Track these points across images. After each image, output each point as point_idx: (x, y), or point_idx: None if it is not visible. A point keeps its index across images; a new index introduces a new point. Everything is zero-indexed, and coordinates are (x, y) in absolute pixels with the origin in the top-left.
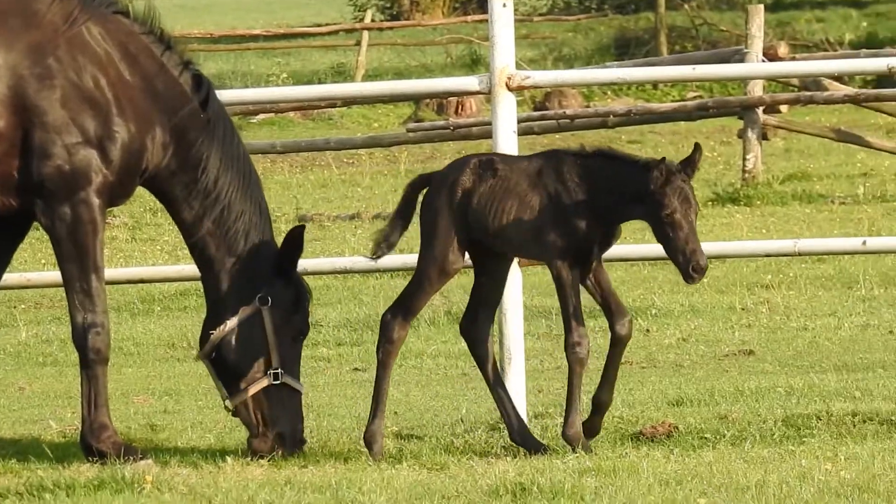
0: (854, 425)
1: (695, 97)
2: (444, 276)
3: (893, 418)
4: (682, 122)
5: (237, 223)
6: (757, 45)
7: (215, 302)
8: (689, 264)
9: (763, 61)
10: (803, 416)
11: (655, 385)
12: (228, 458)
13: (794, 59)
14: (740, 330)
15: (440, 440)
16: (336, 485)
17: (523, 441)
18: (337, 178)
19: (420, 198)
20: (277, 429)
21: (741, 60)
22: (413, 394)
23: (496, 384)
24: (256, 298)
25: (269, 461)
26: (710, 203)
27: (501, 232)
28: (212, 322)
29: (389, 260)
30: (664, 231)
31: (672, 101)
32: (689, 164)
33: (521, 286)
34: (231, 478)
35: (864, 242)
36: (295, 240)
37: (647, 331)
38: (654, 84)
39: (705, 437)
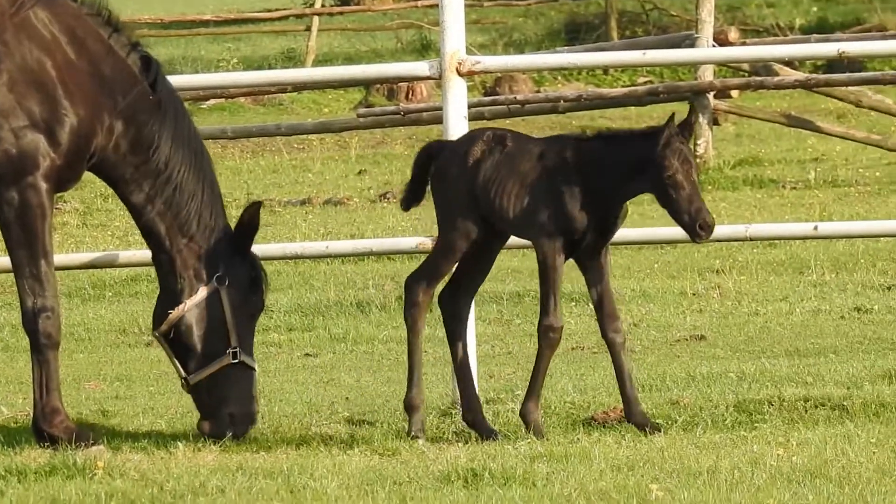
0: (806, 411)
1: (645, 82)
2: (466, 242)
3: (845, 403)
4: (633, 108)
5: (190, 203)
6: (707, 30)
7: (170, 282)
8: (695, 223)
9: (713, 46)
10: (755, 402)
11: (607, 370)
12: (180, 444)
13: (744, 43)
14: (692, 315)
15: (392, 426)
16: (287, 470)
17: (475, 424)
18: (287, 164)
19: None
20: (229, 409)
21: (691, 45)
22: (364, 379)
23: (462, 363)
24: (215, 278)
25: (220, 444)
26: None
27: (499, 207)
28: (167, 301)
29: (340, 245)
30: (667, 193)
31: (622, 86)
32: (686, 127)
33: None
34: (182, 463)
35: (816, 227)
36: (251, 218)
37: None
38: (605, 69)
39: (657, 423)
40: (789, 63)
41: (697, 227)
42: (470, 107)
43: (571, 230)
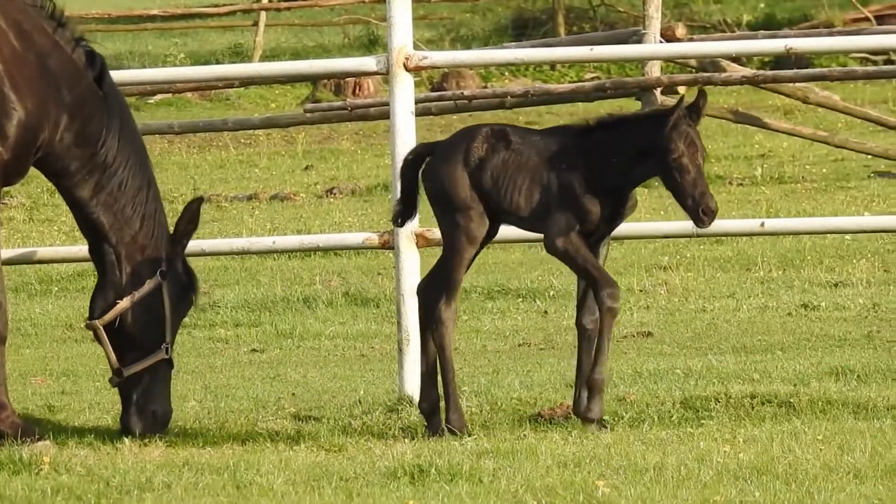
0: (752, 407)
1: (592, 78)
2: (473, 245)
3: (791, 400)
4: (580, 103)
5: (135, 198)
6: (654, 26)
7: (113, 274)
8: (698, 207)
9: (661, 42)
10: (702, 398)
11: (554, 367)
12: (126, 440)
13: (691, 40)
14: (639, 312)
15: (338, 421)
16: (234, 466)
17: (429, 415)
18: (234, 159)
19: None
20: (153, 407)
21: (639, 41)
22: (311, 375)
23: (432, 356)
24: (158, 272)
25: (140, 440)
26: None
27: (512, 204)
28: (110, 292)
29: (286, 241)
30: (672, 176)
31: (570, 81)
32: (695, 111)
33: (419, 267)
34: (129, 459)
35: (763, 224)
36: (191, 213)
37: (545, 312)
38: (552, 65)
39: (603, 419)
40: (736, 59)
41: (700, 211)
42: (417, 102)
43: (586, 220)
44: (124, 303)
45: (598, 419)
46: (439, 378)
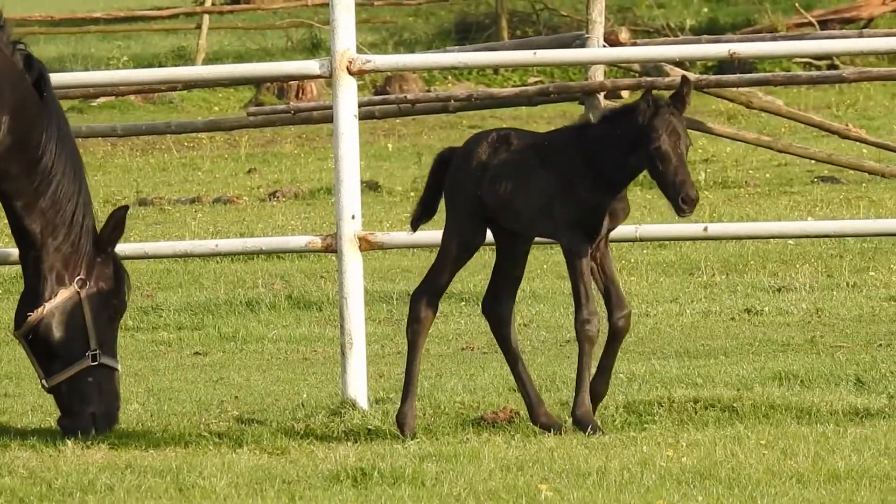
0: (695, 412)
1: (536, 82)
2: (465, 252)
3: (735, 405)
4: (524, 108)
5: (66, 205)
6: (598, 31)
7: (35, 282)
8: (679, 195)
9: (604, 46)
10: (645, 403)
11: (497, 370)
12: (69, 442)
13: (635, 44)
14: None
15: (281, 424)
16: (177, 469)
17: (546, 422)
18: (177, 162)
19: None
20: (91, 409)
21: (582, 45)
22: (254, 378)
23: (516, 365)
24: (76, 281)
25: (83, 442)
26: None
27: (511, 208)
28: (29, 302)
29: (229, 244)
30: (654, 165)
31: (513, 86)
32: (678, 99)
33: (361, 270)
34: (71, 461)
35: (706, 228)
36: (116, 221)
37: None
38: (495, 69)
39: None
40: (680, 63)
41: (680, 199)
42: (360, 106)
43: (590, 218)
44: (35, 314)
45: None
46: (533, 384)
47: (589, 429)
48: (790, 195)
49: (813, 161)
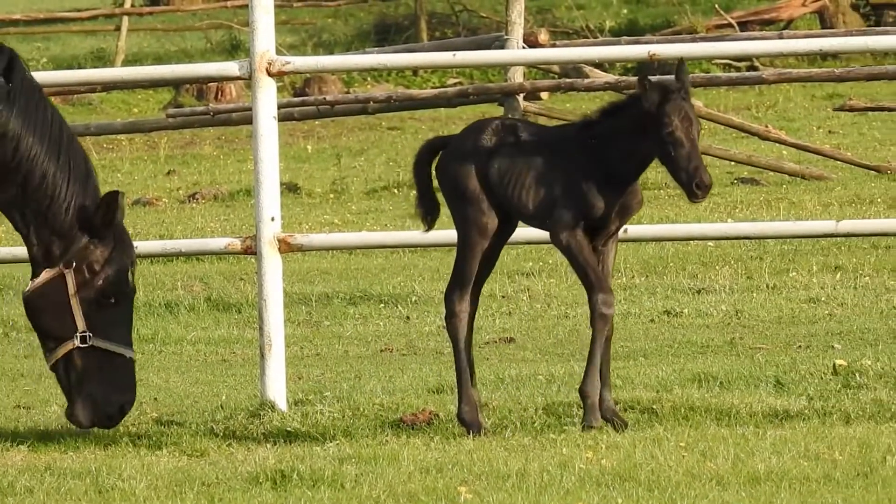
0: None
1: (455, 84)
2: (484, 237)
3: (654, 407)
4: (443, 109)
5: (46, 186)
6: (517, 32)
7: (35, 267)
8: (692, 181)
9: (523, 48)
10: (564, 405)
11: (416, 372)
12: None
13: (554, 45)
14: (501, 317)
15: (200, 426)
16: (96, 471)
17: (469, 422)
18: (96, 164)
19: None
20: (87, 393)
21: (501, 47)
22: (173, 380)
23: (466, 362)
24: (62, 262)
25: (87, 430)
26: None
27: (518, 199)
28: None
29: (149, 245)
30: (666, 150)
31: (432, 87)
32: (683, 84)
33: (281, 272)
34: None
35: (626, 230)
36: (107, 203)
37: (408, 318)
38: (415, 70)
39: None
40: (599, 65)
41: (694, 185)
42: (279, 107)
43: (592, 214)
44: (27, 291)
45: (603, 422)
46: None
47: (592, 416)
48: (710, 197)
49: (732, 163)
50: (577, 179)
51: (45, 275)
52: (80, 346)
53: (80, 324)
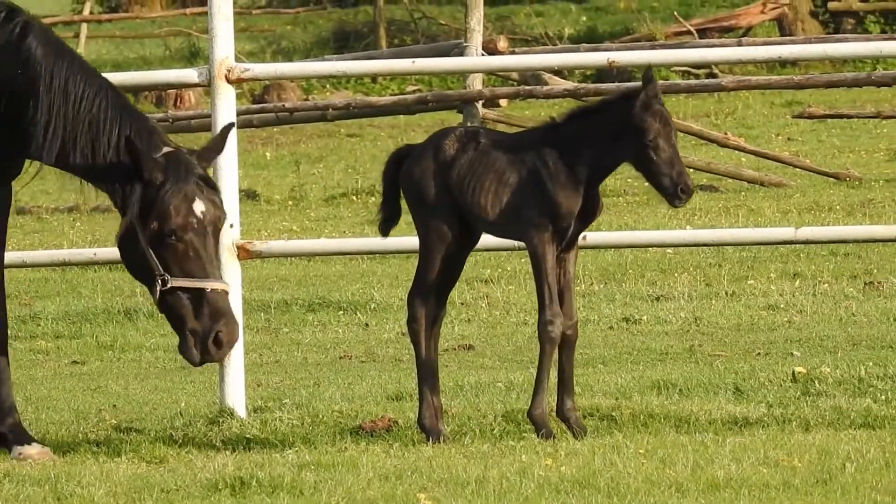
0: None
1: (414, 91)
2: (443, 243)
3: (613, 414)
4: (402, 116)
5: (89, 131)
6: (476, 39)
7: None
8: (676, 186)
9: (482, 55)
10: (523, 412)
11: (375, 379)
12: None
13: (513, 52)
14: (460, 325)
15: (159, 433)
16: (55, 477)
17: (430, 429)
18: (54, 171)
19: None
20: (188, 330)
21: (461, 54)
22: (132, 387)
23: (430, 370)
24: (127, 209)
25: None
26: None
27: (479, 207)
28: None
29: (108, 252)
30: (648, 157)
31: (391, 94)
32: (655, 90)
33: (240, 280)
34: None
35: (584, 237)
36: (130, 144)
37: (367, 325)
38: (374, 77)
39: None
40: (559, 72)
41: (679, 190)
42: (239, 114)
43: (559, 219)
44: (117, 245)
45: (563, 429)
46: (437, 389)
47: (542, 432)
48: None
49: (692, 170)
50: (540, 184)
51: (122, 224)
52: (162, 289)
53: (157, 267)
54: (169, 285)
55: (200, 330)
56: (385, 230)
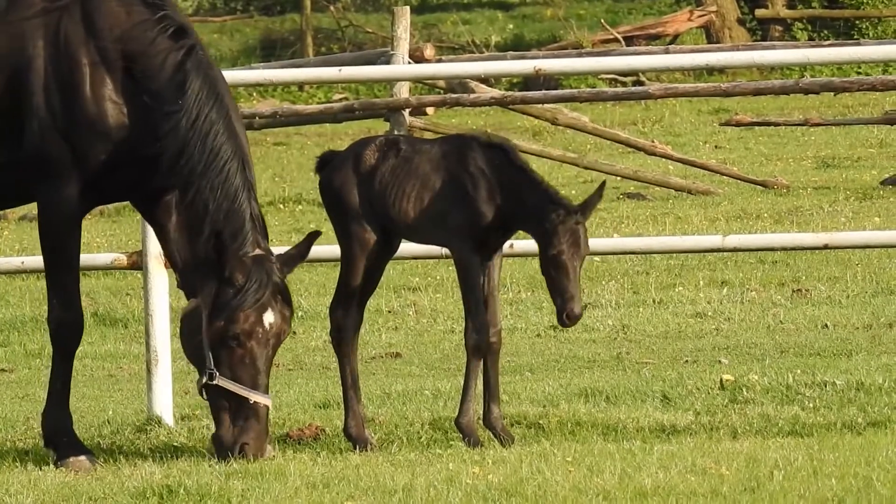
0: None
1: (341, 99)
2: (363, 251)
3: (541, 422)
4: (329, 124)
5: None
6: (403, 47)
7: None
8: (563, 311)
9: (409, 63)
10: (450, 420)
11: (302, 387)
12: None
13: (440, 60)
14: (387, 332)
15: (87, 441)
16: None
17: (356, 437)
18: None
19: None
20: (216, 431)
21: (387, 62)
22: None
23: (351, 378)
24: (199, 294)
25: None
26: None
27: (401, 214)
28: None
29: (35, 261)
30: (548, 268)
31: (318, 102)
32: (587, 206)
33: (167, 287)
34: None
35: (511, 245)
36: (217, 247)
37: (294, 333)
38: (300, 86)
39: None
40: (485, 80)
41: (565, 315)
42: None
43: (482, 228)
44: (181, 317)
45: (489, 436)
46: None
47: (470, 440)
48: (596, 212)
49: (619, 178)
50: (467, 192)
51: (192, 303)
52: (208, 382)
53: (209, 361)
54: (215, 382)
55: (230, 439)
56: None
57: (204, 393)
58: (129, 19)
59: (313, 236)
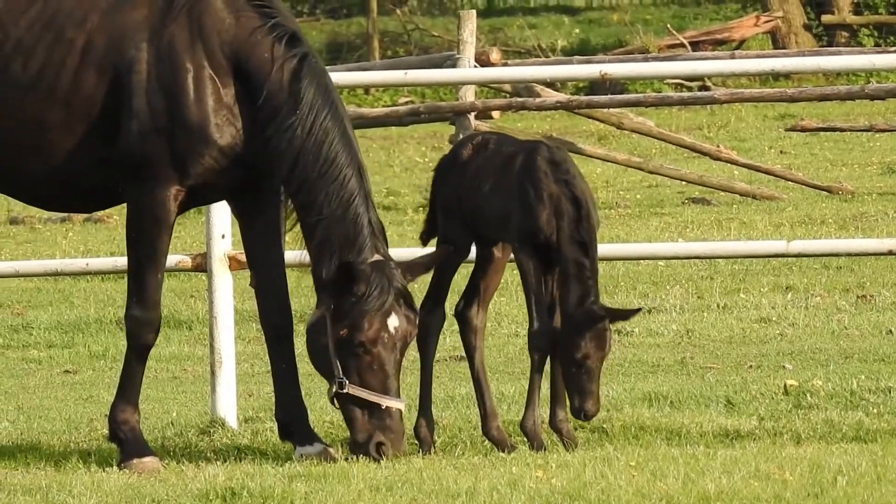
0: None
1: (406, 102)
2: (454, 255)
3: (604, 426)
4: (394, 128)
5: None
6: (469, 51)
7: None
8: (581, 410)
9: (475, 67)
10: (514, 423)
11: None
12: None
13: (506, 64)
14: (452, 336)
15: (151, 443)
16: (46, 487)
17: (496, 437)
18: None
19: None
20: (352, 437)
21: (453, 66)
22: None
23: (479, 374)
24: (324, 303)
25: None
26: (420, 209)
27: (480, 213)
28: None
29: (100, 262)
30: (569, 366)
31: (384, 106)
32: (620, 315)
33: (231, 290)
34: None
35: None
36: (345, 272)
37: None
38: (366, 89)
39: (416, 443)
40: (551, 84)
41: (581, 413)
42: None
43: (540, 234)
44: (306, 328)
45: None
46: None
47: (533, 444)
48: (661, 216)
49: (684, 182)
50: (526, 196)
51: (315, 313)
52: (339, 391)
53: (338, 370)
54: (346, 390)
55: (366, 442)
56: (424, 241)
57: (335, 402)
58: (238, 25)
59: (443, 251)
